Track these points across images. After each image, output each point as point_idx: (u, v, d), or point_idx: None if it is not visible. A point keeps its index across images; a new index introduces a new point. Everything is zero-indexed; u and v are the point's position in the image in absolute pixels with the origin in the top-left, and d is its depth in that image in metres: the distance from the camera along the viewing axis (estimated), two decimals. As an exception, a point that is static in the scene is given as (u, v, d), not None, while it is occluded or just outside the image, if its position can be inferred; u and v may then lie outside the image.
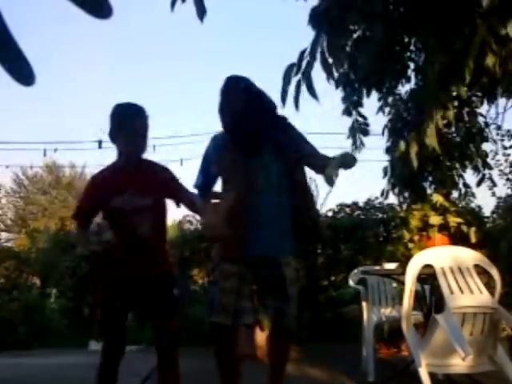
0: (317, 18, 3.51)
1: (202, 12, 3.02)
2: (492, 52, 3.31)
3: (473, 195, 5.59)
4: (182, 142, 22.58)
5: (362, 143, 5.46)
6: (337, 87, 5.01)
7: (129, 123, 2.23)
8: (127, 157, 2.28)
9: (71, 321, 6.63)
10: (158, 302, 2.30)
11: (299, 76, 3.38)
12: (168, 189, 2.31)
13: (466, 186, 5.59)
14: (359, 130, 5.39)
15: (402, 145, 4.19)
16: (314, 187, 7.46)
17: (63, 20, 19.29)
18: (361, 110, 5.35)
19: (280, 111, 2.60)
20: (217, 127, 2.57)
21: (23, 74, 0.50)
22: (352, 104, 5.23)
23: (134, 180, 2.24)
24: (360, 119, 5.36)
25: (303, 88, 3.39)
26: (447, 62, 3.62)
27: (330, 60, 3.51)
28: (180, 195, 2.34)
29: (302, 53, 3.46)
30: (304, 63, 3.41)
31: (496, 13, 3.10)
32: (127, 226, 2.21)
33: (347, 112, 5.32)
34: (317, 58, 3.48)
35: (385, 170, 5.32)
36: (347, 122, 5.42)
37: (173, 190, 2.33)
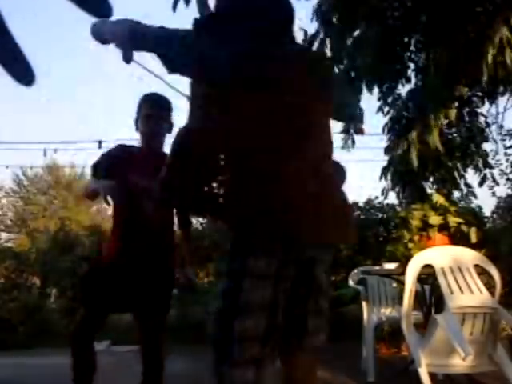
0: (323, 15, 3.48)
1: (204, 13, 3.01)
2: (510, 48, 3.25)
3: (474, 195, 5.58)
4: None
5: (353, 141, 5.45)
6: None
7: (145, 108, 2.39)
8: (144, 140, 2.41)
9: (71, 321, 6.61)
10: (153, 295, 2.26)
11: None
12: None
13: (467, 185, 5.58)
14: (353, 127, 5.38)
15: (404, 144, 4.18)
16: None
17: (63, 20, 19.30)
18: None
19: None
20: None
21: (23, 74, 0.49)
22: None
23: (146, 162, 2.31)
24: None
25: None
26: (450, 60, 3.60)
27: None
28: None
29: None
30: None
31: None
32: (131, 205, 2.25)
33: None
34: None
35: (385, 170, 5.32)
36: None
37: None
